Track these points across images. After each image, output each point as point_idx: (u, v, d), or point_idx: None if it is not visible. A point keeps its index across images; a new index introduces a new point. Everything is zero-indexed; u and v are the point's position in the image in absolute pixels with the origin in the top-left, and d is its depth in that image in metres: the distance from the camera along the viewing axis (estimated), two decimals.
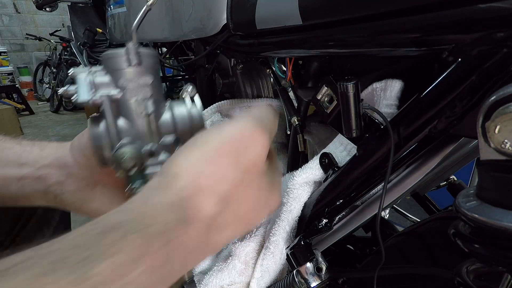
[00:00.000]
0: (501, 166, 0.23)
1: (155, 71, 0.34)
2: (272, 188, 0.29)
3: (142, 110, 0.33)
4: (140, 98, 0.33)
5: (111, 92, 0.32)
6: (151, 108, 0.33)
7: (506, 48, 0.24)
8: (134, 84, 0.33)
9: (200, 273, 0.63)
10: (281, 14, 0.41)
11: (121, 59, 0.32)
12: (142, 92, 0.33)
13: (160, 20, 0.75)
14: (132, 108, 0.33)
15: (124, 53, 0.32)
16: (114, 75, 0.33)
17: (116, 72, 0.32)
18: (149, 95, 0.33)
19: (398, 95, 0.41)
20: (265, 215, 0.29)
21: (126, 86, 0.33)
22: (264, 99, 0.76)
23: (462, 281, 0.31)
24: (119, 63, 0.32)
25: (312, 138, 0.68)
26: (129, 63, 0.32)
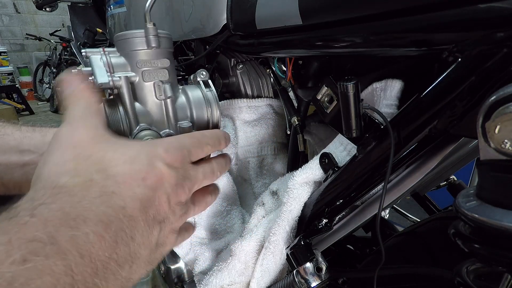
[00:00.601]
0: (501, 166, 0.23)
1: (171, 54, 0.33)
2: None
3: (160, 94, 0.32)
4: (158, 82, 0.32)
5: (129, 74, 0.31)
6: (169, 92, 0.32)
7: (506, 48, 0.24)
8: (152, 66, 0.31)
9: (200, 273, 0.63)
10: (281, 14, 0.41)
11: (140, 40, 0.31)
12: (159, 75, 0.32)
13: (160, 20, 0.75)
14: (149, 91, 0.32)
15: (143, 34, 0.30)
16: (130, 57, 0.31)
17: (132, 54, 0.31)
18: (167, 79, 0.32)
19: (398, 95, 0.41)
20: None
21: (143, 69, 0.31)
22: (264, 99, 0.76)
23: (462, 281, 0.31)
24: (137, 44, 0.31)
25: (312, 138, 0.68)
26: (148, 45, 0.31)
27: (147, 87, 0.32)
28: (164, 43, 0.32)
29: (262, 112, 0.77)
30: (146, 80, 0.32)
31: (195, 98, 0.34)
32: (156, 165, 0.27)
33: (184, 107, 0.34)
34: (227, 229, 0.72)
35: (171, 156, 0.28)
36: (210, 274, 0.56)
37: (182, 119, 0.34)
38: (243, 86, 0.78)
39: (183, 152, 0.28)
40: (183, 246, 0.68)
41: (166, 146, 0.28)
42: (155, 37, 0.31)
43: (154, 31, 0.31)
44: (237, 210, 0.75)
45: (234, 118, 0.76)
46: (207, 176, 0.32)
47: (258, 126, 0.77)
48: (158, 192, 0.26)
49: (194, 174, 0.30)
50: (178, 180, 0.28)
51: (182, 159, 0.28)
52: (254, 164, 0.80)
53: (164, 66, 0.32)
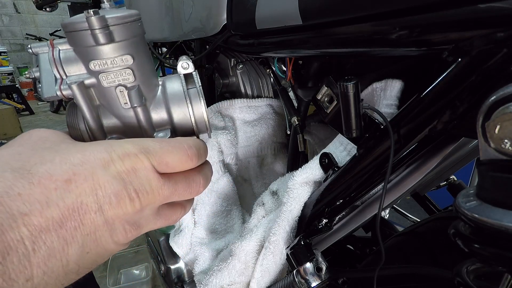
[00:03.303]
0: (501, 166, 0.23)
1: (137, 42, 0.25)
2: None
3: (124, 102, 0.26)
4: (120, 87, 0.25)
5: (82, 78, 0.25)
6: (135, 100, 0.26)
7: (506, 48, 0.24)
8: (108, 67, 0.24)
9: (200, 273, 0.63)
10: (281, 14, 0.41)
11: (84, 33, 0.23)
12: (120, 77, 0.25)
13: (160, 20, 0.75)
14: (113, 98, 0.26)
15: (85, 26, 0.23)
16: (81, 54, 0.24)
17: (83, 51, 0.24)
18: (132, 81, 0.25)
19: (398, 95, 0.41)
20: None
21: (99, 70, 0.24)
22: (264, 99, 0.76)
23: (462, 281, 0.31)
24: (83, 38, 0.23)
25: (312, 138, 0.68)
26: (96, 40, 0.23)
27: (109, 93, 0.26)
28: (122, 33, 0.24)
29: (262, 112, 0.77)
30: (106, 85, 0.25)
31: (174, 98, 0.28)
32: (95, 170, 0.23)
33: (162, 109, 0.28)
34: (227, 229, 0.72)
35: (125, 163, 0.24)
36: (210, 274, 0.56)
37: (161, 125, 0.28)
38: (243, 86, 0.78)
39: (141, 159, 0.24)
40: (183, 246, 0.68)
41: (124, 150, 0.24)
42: (103, 30, 0.23)
43: (99, 21, 0.22)
44: (237, 210, 0.75)
45: (234, 118, 0.76)
46: (177, 192, 0.27)
47: (258, 126, 0.77)
48: (84, 199, 0.22)
49: (157, 187, 0.25)
50: (121, 191, 0.23)
51: (141, 168, 0.24)
52: (254, 164, 0.80)
53: (126, 65, 0.25)
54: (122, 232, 0.25)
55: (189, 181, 0.27)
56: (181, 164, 0.26)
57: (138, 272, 1.61)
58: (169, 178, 0.26)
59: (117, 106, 0.26)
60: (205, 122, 0.29)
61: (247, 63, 0.78)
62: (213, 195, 0.73)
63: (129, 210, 0.24)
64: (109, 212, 0.23)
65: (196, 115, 0.28)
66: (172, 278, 0.81)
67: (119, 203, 0.23)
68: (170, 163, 0.25)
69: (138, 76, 0.26)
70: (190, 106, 0.28)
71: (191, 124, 0.28)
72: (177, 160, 0.26)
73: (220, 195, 0.74)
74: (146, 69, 0.27)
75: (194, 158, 0.26)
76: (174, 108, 0.28)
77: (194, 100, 0.28)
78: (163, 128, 0.28)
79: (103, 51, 0.24)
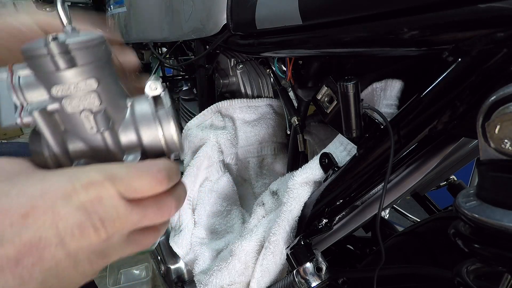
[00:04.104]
0: (501, 166, 0.23)
1: (102, 65, 0.25)
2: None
3: (91, 127, 0.25)
4: (85, 112, 0.25)
5: (44, 105, 0.24)
6: (102, 124, 0.25)
7: (506, 48, 0.24)
8: (71, 93, 0.24)
9: (200, 273, 0.63)
10: (281, 14, 0.41)
11: (44, 59, 0.22)
12: (85, 102, 0.24)
13: (160, 20, 0.75)
14: (78, 123, 0.25)
15: (46, 51, 0.22)
16: (42, 79, 0.24)
17: (43, 76, 0.23)
18: (97, 105, 0.25)
19: (398, 95, 0.41)
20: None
21: (62, 96, 0.24)
22: (264, 99, 0.76)
23: (462, 281, 0.31)
24: (46, 63, 0.22)
25: (312, 138, 0.68)
26: (56, 66, 0.22)
27: (74, 118, 0.25)
28: (84, 57, 0.23)
29: (262, 112, 0.77)
30: (70, 110, 0.24)
31: (143, 119, 0.27)
32: (55, 202, 0.21)
33: (131, 131, 0.27)
34: (227, 229, 0.72)
35: (89, 193, 0.22)
36: (210, 274, 0.56)
37: (130, 147, 0.27)
38: (243, 86, 0.78)
39: (107, 187, 0.23)
40: (183, 246, 0.68)
41: (88, 179, 0.23)
42: (64, 55, 0.22)
43: (60, 46, 0.22)
44: (237, 210, 0.75)
45: (234, 118, 0.76)
46: (147, 217, 0.25)
47: (258, 126, 0.77)
48: (44, 233, 0.21)
49: (125, 214, 0.23)
50: (84, 222, 0.22)
51: (106, 196, 0.23)
52: (254, 164, 0.80)
53: (91, 89, 0.24)
54: (87, 264, 0.24)
55: (160, 205, 0.26)
56: (150, 189, 0.25)
57: (138, 272, 1.61)
58: (137, 203, 0.24)
59: (83, 131, 0.25)
60: (175, 143, 0.28)
61: (247, 63, 0.78)
62: (213, 195, 0.73)
63: (94, 240, 0.23)
64: (71, 244, 0.22)
65: (167, 136, 0.27)
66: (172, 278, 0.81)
67: (83, 234, 0.22)
68: (139, 189, 0.24)
69: (104, 99, 0.25)
70: (160, 127, 0.27)
71: (161, 146, 0.28)
72: (146, 185, 0.24)
73: (220, 195, 0.74)
74: (113, 91, 0.26)
75: (164, 181, 0.25)
76: (143, 129, 0.27)
77: (164, 121, 0.27)
78: (132, 151, 0.27)
79: (65, 76, 0.23)
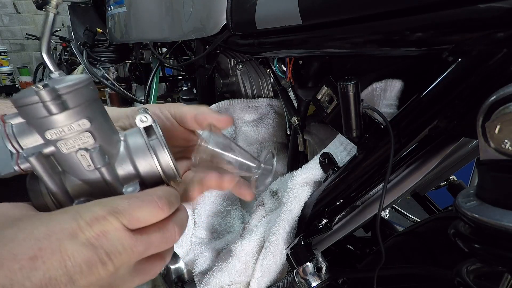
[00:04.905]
0: (501, 166, 0.23)
1: (92, 104, 0.26)
2: None
3: (88, 165, 0.26)
4: (82, 150, 0.25)
5: (40, 149, 0.25)
6: (98, 161, 0.25)
7: (506, 48, 0.24)
8: (65, 135, 0.24)
9: (200, 273, 0.63)
10: (281, 14, 0.41)
11: (36, 106, 0.23)
12: (79, 142, 0.25)
13: (160, 20, 0.75)
14: (74, 163, 0.26)
15: (37, 99, 0.23)
16: (36, 126, 0.24)
17: (36, 122, 0.24)
18: (92, 143, 0.25)
19: (398, 95, 0.41)
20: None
21: (56, 139, 0.24)
22: (264, 99, 0.76)
23: (462, 281, 0.31)
24: (38, 110, 0.23)
25: (312, 138, 0.68)
26: (49, 111, 0.23)
27: (70, 158, 0.25)
28: (75, 99, 0.24)
29: (262, 112, 0.77)
30: (65, 151, 0.25)
31: (137, 151, 0.28)
32: (62, 241, 0.22)
33: (128, 163, 0.28)
34: (227, 229, 0.72)
35: (94, 228, 0.23)
36: (210, 274, 0.56)
37: (128, 180, 0.28)
38: (243, 86, 0.78)
39: (111, 221, 0.23)
40: (183, 246, 0.68)
41: (92, 215, 0.23)
42: (55, 101, 0.23)
43: (50, 93, 0.23)
44: (237, 210, 0.75)
45: (234, 118, 0.76)
46: (152, 246, 0.26)
47: (258, 126, 0.77)
48: (53, 273, 0.21)
49: (130, 245, 0.24)
50: (92, 257, 0.22)
51: (111, 230, 0.23)
52: None
53: (84, 129, 0.25)
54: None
55: (163, 232, 0.26)
56: (153, 217, 0.25)
57: None
58: (141, 233, 0.25)
59: (81, 170, 0.26)
60: (172, 169, 0.29)
61: (247, 63, 0.78)
62: (213, 195, 0.73)
63: (102, 275, 0.23)
64: (81, 282, 0.22)
65: (162, 164, 0.28)
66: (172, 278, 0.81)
67: (91, 270, 0.22)
68: (142, 218, 0.25)
69: (98, 137, 0.26)
70: (155, 156, 0.28)
71: (158, 174, 0.28)
72: (148, 213, 0.25)
73: (220, 195, 0.74)
74: (105, 128, 0.27)
75: (166, 208, 0.26)
76: (139, 161, 0.28)
77: (157, 150, 0.28)
78: (131, 182, 0.28)
79: (58, 120, 0.24)
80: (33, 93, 0.23)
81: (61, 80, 0.25)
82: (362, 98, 0.37)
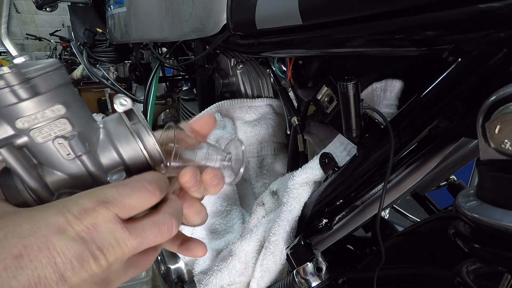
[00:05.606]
0: (501, 166, 0.23)
1: (65, 89, 0.24)
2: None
3: (67, 153, 0.24)
4: (58, 140, 0.23)
5: (11, 140, 0.23)
6: (78, 148, 0.24)
7: (506, 48, 0.24)
8: (39, 122, 0.22)
9: (200, 273, 0.63)
10: (281, 14, 0.41)
11: (3, 92, 0.21)
12: (55, 129, 0.23)
13: (160, 20, 0.75)
14: (52, 153, 0.24)
15: (3, 83, 0.21)
16: (5, 114, 0.22)
17: (6, 110, 0.22)
18: (70, 130, 0.24)
19: (398, 95, 0.41)
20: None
21: (30, 128, 0.22)
22: (264, 99, 0.76)
23: (462, 281, 0.31)
24: (5, 96, 0.21)
25: (312, 138, 0.68)
26: (18, 97, 0.21)
27: (46, 148, 0.23)
28: (46, 82, 0.22)
29: (262, 112, 0.77)
30: (41, 140, 0.23)
31: (119, 136, 0.26)
32: (49, 237, 0.20)
33: (110, 150, 0.26)
34: (227, 229, 0.72)
35: (84, 221, 0.21)
36: (210, 274, 0.56)
37: (112, 167, 0.26)
38: (243, 86, 0.78)
39: (101, 212, 0.22)
40: None
41: (79, 207, 0.22)
42: (24, 84, 0.21)
43: (17, 76, 0.21)
44: (237, 210, 0.75)
45: (234, 118, 0.76)
46: (147, 241, 0.24)
47: (258, 126, 0.77)
48: (42, 271, 0.20)
49: (123, 238, 0.23)
50: (83, 252, 0.21)
51: (102, 221, 0.22)
52: (254, 164, 0.80)
53: (59, 115, 0.23)
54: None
55: (159, 226, 0.25)
56: (145, 202, 0.24)
57: None
58: (134, 224, 0.24)
59: (60, 160, 0.24)
60: (158, 152, 0.27)
61: (247, 63, 0.78)
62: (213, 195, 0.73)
63: (96, 271, 0.22)
64: (73, 279, 0.21)
65: (148, 147, 0.27)
66: (172, 278, 0.81)
67: (83, 266, 0.21)
68: (134, 205, 0.24)
69: (75, 123, 0.24)
70: (140, 140, 0.26)
71: (144, 159, 0.27)
72: (140, 200, 0.24)
73: (220, 195, 0.74)
74: (82, 114, 0.25)
75: (157, 192, 0.25)
76: (122, 146, 0.26)
77: (142, 134, 0.26)
78: (116, 170, 0.26)
79: (29, 106, 0.22)
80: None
81: (28, 64, 0.23)
82: (362, 98, 0.37)
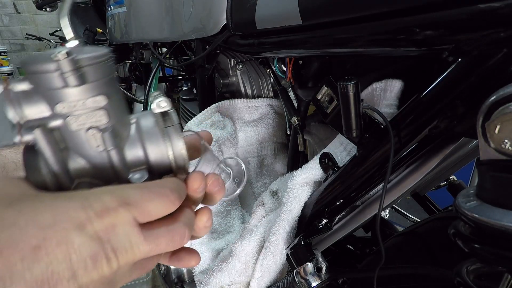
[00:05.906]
0: (501, 166, 0.23)
1: (109, 81, 0.24)
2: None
3: (97, 145, 0.24)
4: (92, 130, 0.23)
5: (46, 123, 0.22)
6: (109, 143, 0.24)
7: (506, 48, 0.24)
8: (79, 110, 0.22)
9: (200, 273, 0.63)
10: (281, 14, 0.41)
11: (52, 76, 0.21)
12: (92, 119, 0.23)
13: (160, 20, 0.75)
14: (82, 141, 0.24)
15: (56, 67, 0.21)
16: (46, 96, 0.22)
17: (49, 93, 0.22)
18: (105, 122, 0.24)
19: (398, 95, 0.41)
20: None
21: (67, 114, 0.22)
22: (264, 99, 0.76)
23: (462, 281, 0.31)
24: (53, 80, 0.21)
25: (312, 138, 0.68)
26: (66, 83, 0.21)
27: (78, 136, 0.23)
28: (96, 72, 0.22)
29: (262, 112, 0.77)
30: (75, 128, 0.23)
31: (150, 136, 0.26)
32: (69, 232, 0.20)
33: (137, 148, 0.26)
34: (227, 229, 0.72)
35: (104, 220, 0.21)
36: (210, 274, 0.56)
37: (136, 165, 0.26)
38: (243, 86, 0.78)
39: (122, 214, 0.22)
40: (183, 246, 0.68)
41: (102, 205, 0.21)
42: (75, 72, 0.21)
43: (71, 63, 0.21)
44: (237, 210, 0.75)
45: (234, 118, 0.76)
46: (159, 248, 0.24)
47: (258, 126, 0.77)
48: (56, 267, 0.19)
49: (137, 243, 0.22)
50: (98, 252, 0.21)
51: (121, 223, 0.22)
52: (254, 164, 0.80)
53: (99, 106, 0.23)
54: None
55: (173, 234, 0.25)
56: (164, 210, 0.24)
57: None
58: (149, 230, 0.23)
59: (87, 149, 0.24)
60: (185, 160, 0.27)
61: (247, 63, 0.78)
62: None
63: (106, 272, 0.21)
64: (83, 278, 0.20)
65: (176, 153, 0.26)
66: (172, 278, 0.81)
67: (95, 266, 0.21)
68: (153, 212, 0.23)
69: (112, 116, 0.24)
70: (170, 144, 0.26)
71: (169, 163, 0.27)
72: (160, 207, 0.24)
73: None
74: (120, 108, 0.25)
75: (177, 202, 0.25)
76: (150, 147, 0.26)
77: (174, 138, 0.26)
78: (138, 169, 0.26)
79: (73, 93, 0.22)
80: (51, 61, 0.20)
81: (80, 50, 0.22)
82: (362, 98, 0.37)
